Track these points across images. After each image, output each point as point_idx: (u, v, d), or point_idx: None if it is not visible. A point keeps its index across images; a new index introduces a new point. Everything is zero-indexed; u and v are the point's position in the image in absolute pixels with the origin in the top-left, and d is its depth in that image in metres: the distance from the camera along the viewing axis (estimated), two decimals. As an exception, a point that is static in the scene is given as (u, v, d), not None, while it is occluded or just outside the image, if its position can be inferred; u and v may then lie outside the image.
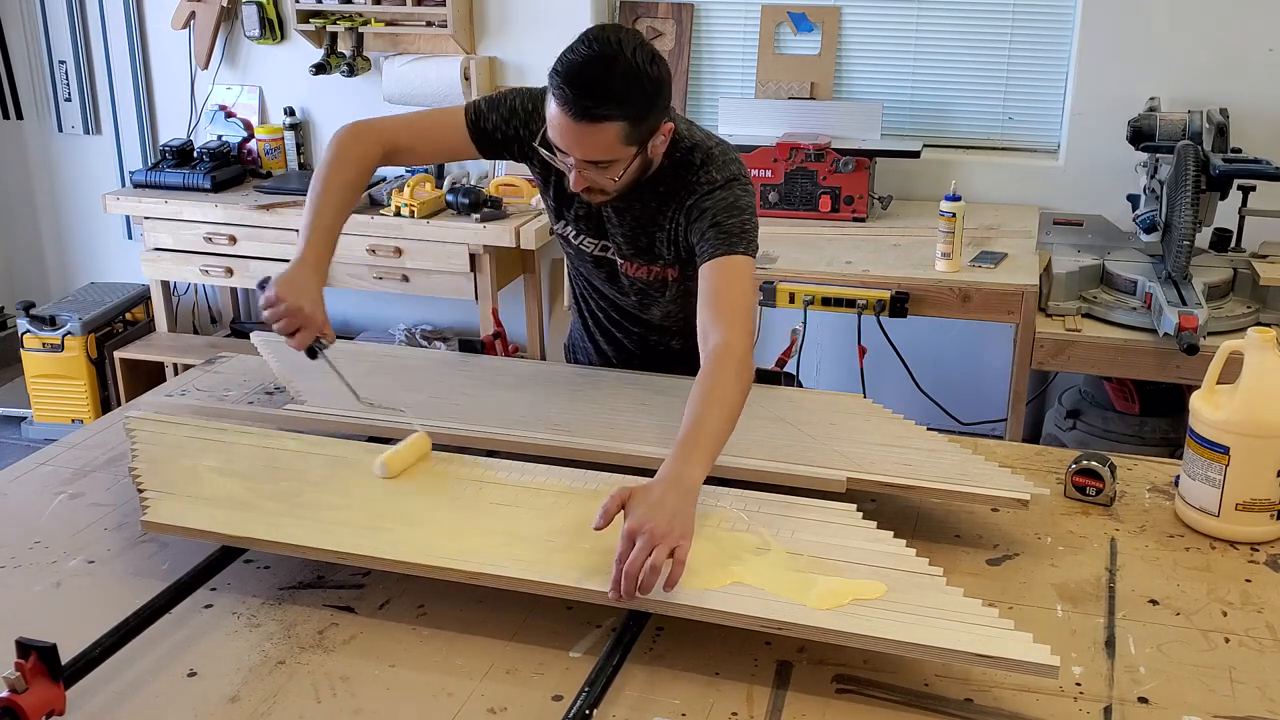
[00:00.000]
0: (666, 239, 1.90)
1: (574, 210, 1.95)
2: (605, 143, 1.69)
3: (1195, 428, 1.69)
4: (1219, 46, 3.42)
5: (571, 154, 1.72)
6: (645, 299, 2.03)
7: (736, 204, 1.81)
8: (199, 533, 1.55)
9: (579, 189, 1.77)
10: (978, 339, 3.79)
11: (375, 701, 1.34)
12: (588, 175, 1.75)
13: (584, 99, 1.64)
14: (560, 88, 1.65)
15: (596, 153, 1.70)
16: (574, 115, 1.65)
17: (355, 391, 1.81)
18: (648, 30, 4.00)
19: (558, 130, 1.70)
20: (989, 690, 1.34)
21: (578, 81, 1.65)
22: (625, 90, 1.66)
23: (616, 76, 1.65)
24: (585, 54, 1.66)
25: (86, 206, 4.63)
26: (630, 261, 1.96)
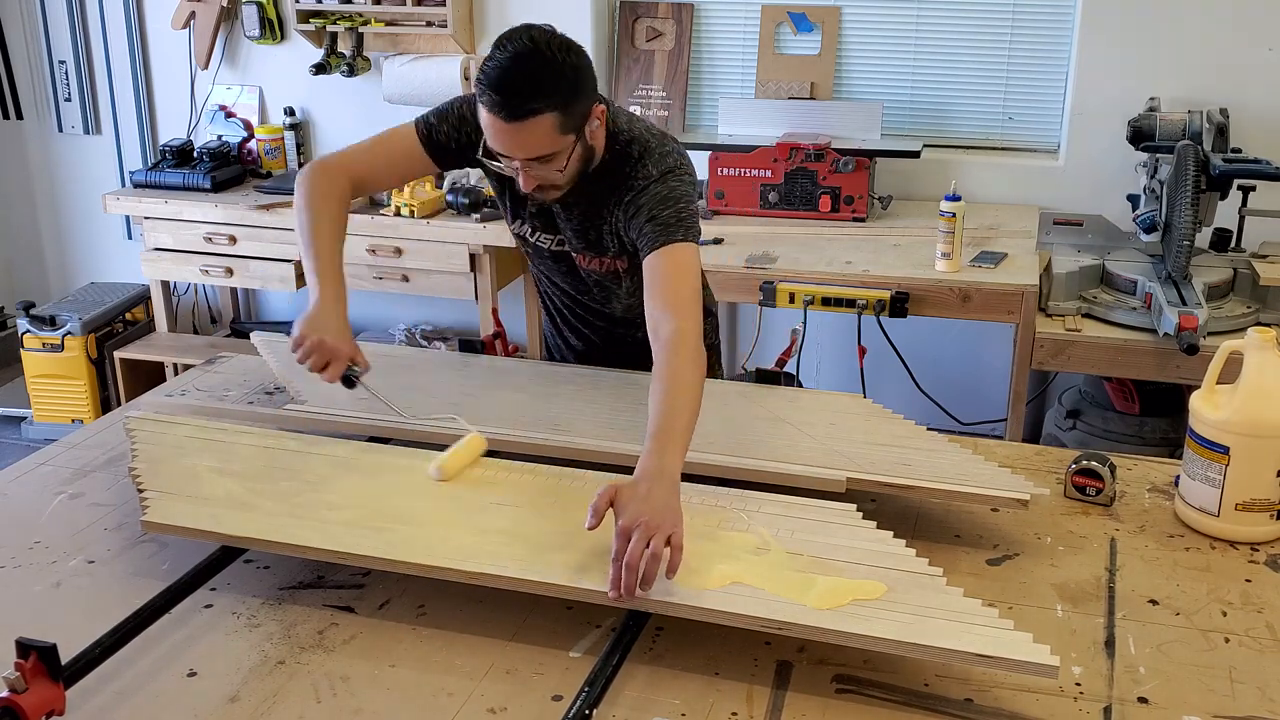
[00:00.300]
0: (610, 232, 1.92)
1: (528, 209, 1.97)
2: (541, 136, 1.70)
3: (1195, 428, 1.69)
4: (1219, 46, 3.42)
5: (513, 155, 1.74)
6: (604, 291, 2.05)
7: (671, 195, 1.83)
8: (199, 533, 1.55)
9: (530, 189, 1.79)
10: (978, 339, 3.79)
11: (375, 701, 1.34)
12: (534, 173, 1.76)
13: (511, 98, 1.67)
14: (486, 94, 1.68)
15: (535, 148, 1.72)
16: (505, 116, 1.68)
17: (398, 410, 1.81)
18: (648, 30, 4.01)
19: (494, 136, 1.72)
20: (989, 690, 1.34)
21: (501, 84, 1.67)
22: (547, 81, 1.68)
23: (536, 70, 1.68)
24: (502, 57, 1.68)
25: (86, 206, 4.63)
26: (583, 255, 1.98)
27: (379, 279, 3.88)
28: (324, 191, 1.92)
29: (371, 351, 2.22)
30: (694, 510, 1.59)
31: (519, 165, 1.75)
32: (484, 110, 1.70)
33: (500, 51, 1.69)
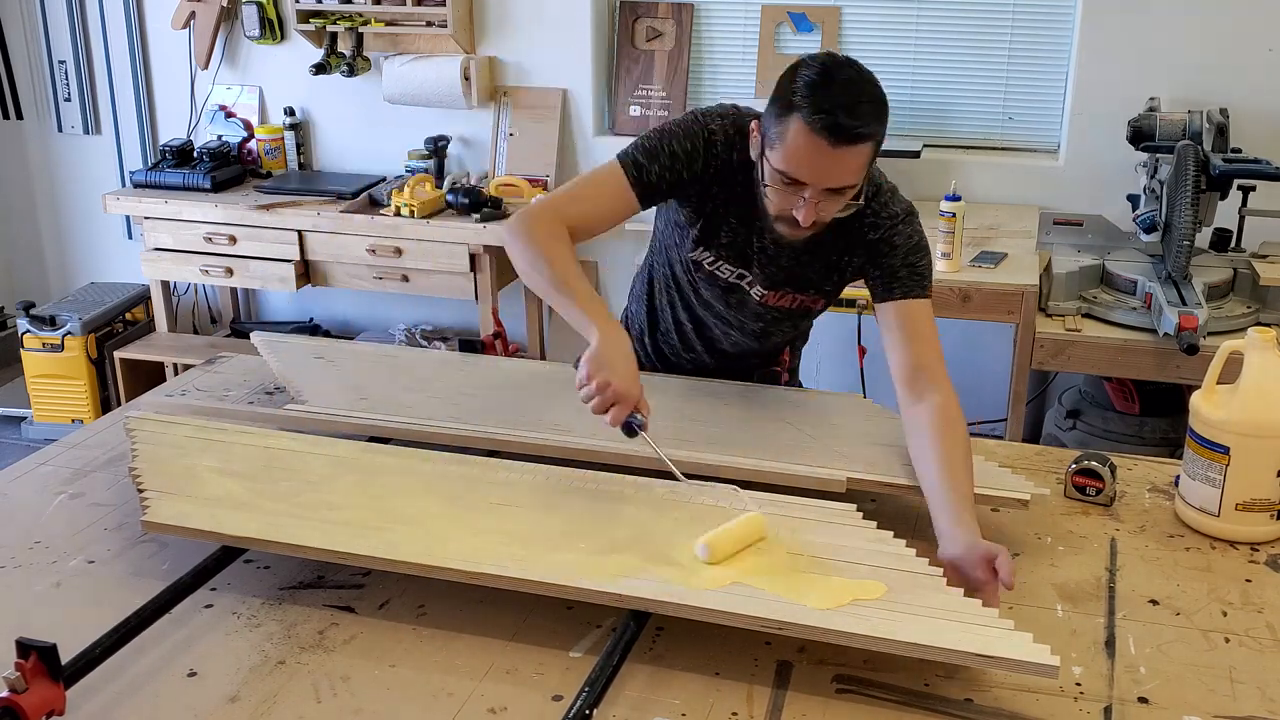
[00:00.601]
0: (826, 269, 1.87)
1: (719, 239, 1.87)
2: (856, 165, 1.65)
3: (1195, 428, 1.69)
4: (1219, 46, 3.42)
5: (819, 182, 1.65)
6: (773, 326, 1.98)
7: (922, 243, 1.81)
8: (199, 533, 1.55)
9: (809, 222, 1.68)
10: (978, 339, 3.79)
11: (375, 701, 1.34)
12: (822, 205, 1.68)
13: (848, 120, 1.60)
14: (820, 114, 1.59)
15: (847, 176, 1.65)
16: (835, 139, 1.60)
17: (676, 470, 1.63)
18: (648, 30, 4.01)
19: (805, 159, 1.63)
20: (989, 690, 1.34)
21: (837, 105, 1.60)
22: (872, 108, 1.64)
23: (865, 96, 1.63)
24: (831, 80, 1.61)
25: (86, 206, 4.63)
26: (774, 291, 1.90)
27: (379, 279, 3.88)
28: (552, 233, 1.78)
29: (372, 351, 2.22)
30: (693, 509, 1.59)
31: (809, 195, 1.66)
32: (803, 131, 1.60)
33: (815, 68, 1.62)
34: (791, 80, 1.64)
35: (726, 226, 1.86)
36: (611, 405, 1.61)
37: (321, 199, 3.96)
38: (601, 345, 1.65)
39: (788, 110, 1.63)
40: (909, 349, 1.77)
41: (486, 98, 4.07)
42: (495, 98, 4.09)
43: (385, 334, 4.35)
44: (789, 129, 1.63)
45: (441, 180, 3.98)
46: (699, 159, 1.79)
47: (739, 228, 1.86)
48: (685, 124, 1.82)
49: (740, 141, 1.80)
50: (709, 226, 1.87)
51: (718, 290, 1.95)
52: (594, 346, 1.65)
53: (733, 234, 1.86)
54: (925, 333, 1.79)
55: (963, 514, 1.54)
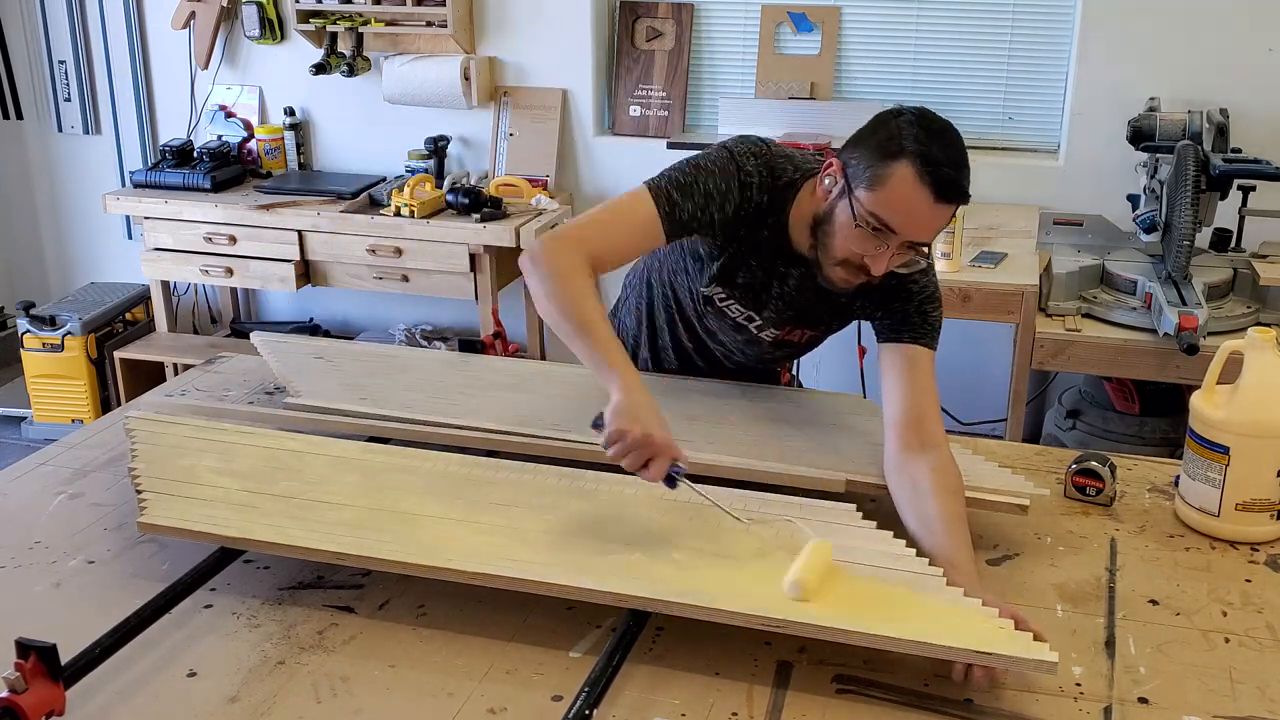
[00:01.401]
0: (836, 310, 1.85)
1: (735, 278, 1.83)
2: (944, 224, 1.65)
3: (1195, 428, 1.69)
4: (1219, 46, 3.42)
5: (911, 235, 1.62)
6: (779, 354, 1.98)
7: (937, 294, 1.79)
8: (196, 534, 1.55)
9: (881, 272, 1.65)
10: (978, 339, 3.79)
11: (375, 702, 1.34)
12: (902, 258, 1.66)
13: (959, 180, 1.59)
14: (933, 166, 1.56)
15: (935, 233, 1.66)
16: (942, 195, 1.58)
17: (731, 511, 1.56)
18: (648, 30, 4.01)
19: (907, 208, 1.59)
20: (989, 690, 1.34)
21: (949, 159, 1.58)
22: (968, 169, 1.62)
23: (965, 152, 1.62)
24: (940, 131, 1.60)
25: (86, 206, 4.63)
26: (781, 329, 1.89)
27: (379, 279, 3.88)
28: (575, 267, 1.68)
29: (372, 351, 2.22)
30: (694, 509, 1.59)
31: (893, 245, 1.62)
32: (911, 179, 1.56)
33: (927, 125, 1.59)
34: (895, 124, 1.60)
35: (746, 269, 1.82)
36: (650, 460, 1.52)
37: (321, 199, 3.96)
38: (628, 397, 1.55)
39: (894, 155, 1.58)
40: (911, 396, 1.72)
41: (486, 98, 4.07)
42: (495, 98, 4.09)
43: (385, 334, 4.35)
44: (894, 174, 1.58)
45: (441, 180, 3.98)
46: (732, 202, 1.74)
47: (758, 270, 1.82)
48: (721, 163, 1.75)
49: (774, 185, 1.76)
50: (728, 266, 1.83)
51: (725, 324, 1.92)
52: (620, 399, 1.55)
53: (751, 276, 1.83)
54: (927, 383, 1.75)
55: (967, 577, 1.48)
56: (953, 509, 1.58)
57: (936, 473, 1.62)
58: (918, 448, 1.66)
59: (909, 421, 1.69)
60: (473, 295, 3.81)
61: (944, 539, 1.53)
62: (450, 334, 4.32)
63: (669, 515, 1.58)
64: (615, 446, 1.51)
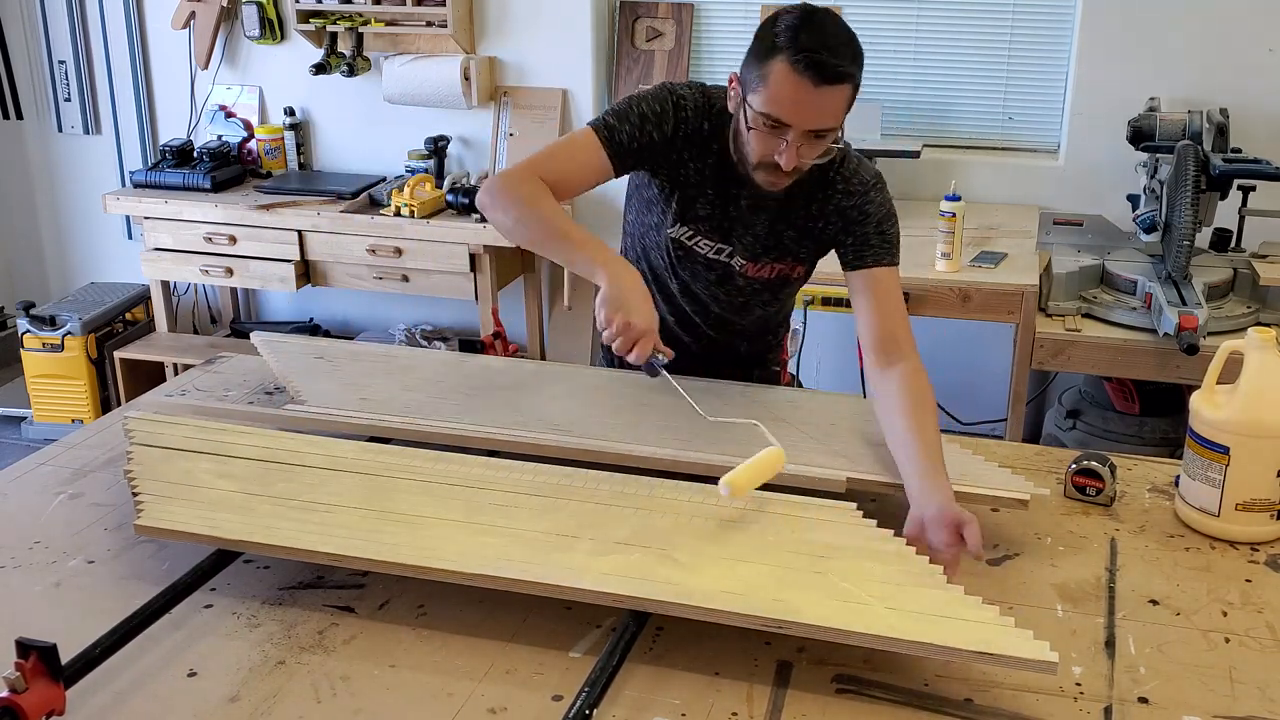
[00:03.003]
0: (800, 236, 1.89)
1: (696, 211, 1.89)
2: (837, 106, 1.68)
3: (1195, 428, 1.68)
4: (1219, 46, 3.42)
5: (801, 124, 1.67)
6: (755, 300, 1.99)
7: (892, 211, 1.85)
8: (192, 536, 1.54)
9: (791, 165, 1.70)
10: (978, 339, 3.79)
11: (375, 702, 1.34)
12: (804, 150, 1.70)
13: (831, 58, 1.63)
14: (802, 53, 1.62)
15: (829, 118, 1.68)
16: (818, 77, 1.63)
17: (698, 407, 1.67)
18: (648, 30, 4.01)
19: (790, 99, 1.65)
20: (989, 690, 1.34)
21: (821, 44, 1.63)
22: (854, 51, 1.67)
23: (846, 38, 1.67)
24: (811, 22, 1.65)
25: (86, 206, 4.63)
26: (754, 262, 1.92)
27: (379, 279, 3.88)
28: (536, 189, 1.79)
29: (372, 351, 2.22)
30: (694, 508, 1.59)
31: (791, 138, 1.68)
32: (786, 71, 1.63)
33: (796, 13, 1.65)
34: (773, 26, 1.67)
35: (704, 198, 1.88)
36: (635, 343, 1.64)
37: (321, 199, 3.96)
38: (612, 284, 1.66)
39: (770, 54, 1.65)
40: (879, 317, 1.81)
41: (486, 98, 4.07)
42: (495, 98, 4.09)
43: (385, 334, 4.35)
44: (772, 71, 1.65)
45: (441, 180, 3.98)
46: (668, 121, 1.82)
47: (715, 199, 1.88)
48: (654, 90, 1.86)
49: (710, 111, 1.84)
50: (686, 199, 1.88)
51: (698, 268, 1.96)
52: (605, 288, 1.66)
53: (710, 205, 1.88)
54: (894, 301, 1.82)
55: (935, 475, 1.57)
56: (922, 420, 1.68)
57: (905, 385, 1.73)
58: (889, 365, 1.77)
59: (879, 339, 1.79)
60: (473, 295, 3.82)
61: (913, 450, 1.63)
62: (450, 334, 4.32)
63: (669, 515, 1.58)
64: (605, 332, 1.64)
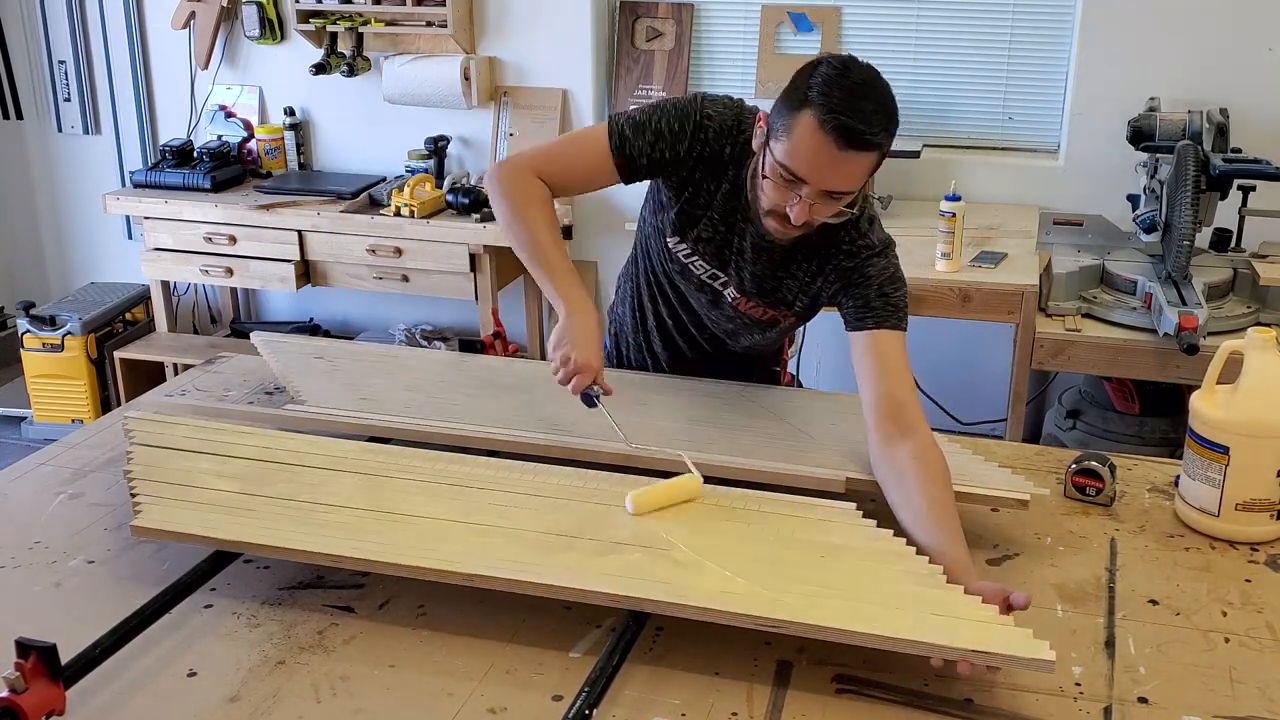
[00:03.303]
0: (798, 288, 1.86)
1: (697, 232, 1.86)
2: (859, 172, 1.63)
3: (1195, 428, 1.68)
4: (1219, 46, 3.42)
5: (818, 184, 1.62)
6: (741, 329, 1.97)
7: (897, 275, 1.79)
8: (189, 537, 1.54)
9: (801, 221, 1.66)
10: (978, 339, 3.79)
11: (375, 702, 1.34)
12: (817, 208, 1.65)
13: (860, 124, 1.57)
14: (832, 114, 1.56)
15: (847, 182, 1.63)
16: (844, 141, 1.57)
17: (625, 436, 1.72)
18: (648, 30, 4.01)
19: (809, 157, 1.60)
20: (989, 690, 1.34)
21: (853, 107, 1.57)
22: (888, 119, 1.60)
23: (881, 104, 1.60)
24: (849, 81, 1.58)
25: (86, 206, 4.63)
26: (745, 298, 1.89)
27: (379, 279, 3.88)
28: (532, 193, 1.83)
29: (372, 351, 2.22)
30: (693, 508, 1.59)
31: (805, 194, 1.63)
32: (813, 128, 1.57)
33: (836, 66, 1.59)
34: (810, 75, 1.60)
35: (709, 221, 1.85)
36: (573, 376, 1.73)
37: (321, 199, 3.96)
38: (566, 321, 1.76)
39: (800, 105, 1.59)
40: (884, 383, 1.71)
41: (486, 98, 4.07)
42: (495, 98, 4.09)
43: (385, 334, 4.35)
44: (798, 124, 1.59)
45: (441, 180, 3.98)
46: (685, 140, 1.79)
47: (720, 225, 1.85)
48: (683, 103, 1.82)
49: (736, 134, 1.79)
50: (691, 217, 1.86)
51: (691, 285, 1.95)
52: (560, 322, 1.76)
53: (714, 230, 1.85)
54: (899, 366, 1.73)
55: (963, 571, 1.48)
56: (938, 497, 1.58)
57: (919, 461, 1.62)
58: (899, 436, 1.66)
59: (886, 410, 1.68)
60: (473, 295, 3.82)
61: (934, 529, 1.53)
62: (450, 334, 4.32)
63: (669, 515, 1.58)
64: (551, 363, 1.75)
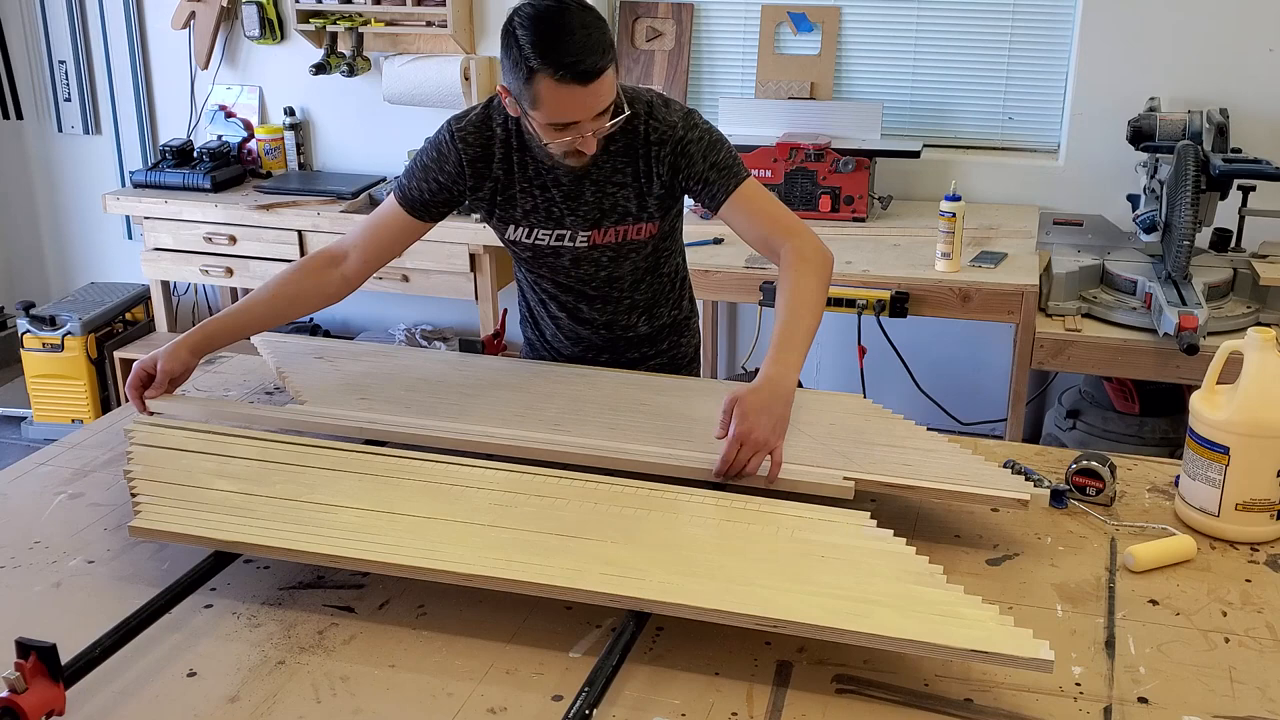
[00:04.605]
0: (634, 194, 1.93)
1: (520, 209, 1.96)
2: (608, 87, 1.73)
3: (1195, 428, 1.69)
4: (1219, 46, 3.42)
5: (586, 119, 1.74)
6: (616, 271, 2.04)
7: (713, 137, 1.89)
8: (188, 538, 1.54)
9: (594, 149, 1.79)
10: (978, 339, 3.79)
11: (375, 702, 1.34)
12: (596, 130, 1.77)
13: (587, 59, 1.67)
14: (555, 68, 1.67)
15: (608, 99, 1.74)
16: (585, 80, 1.68)
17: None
18: (648, 30, 4.01)
19: (566, 105, 1.71)
20: (989, 690, 1.34)
21: (571, 49, 1.67)
22: (601, 36, 1.70)
23: (582, 26, 1.68)
24: (544, 28, 1.67)
25: (86, 206, 4.63)
26: (596, 229, 1.96)
27: (379, 279, 3.86)
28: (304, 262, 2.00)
29: (372, 351, 2.22)
30: (692, 508, 1.59)
31: (587, 129, 1.75)
32: (553, 86, 1.68)
33: (531, 25, 1.68)
34: (516, 41, 1.70)
35: (521, 194, 1.94)
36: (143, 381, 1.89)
37: (321, 199, 3.96)
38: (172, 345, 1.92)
39: (529, 73, 1.69)
40: (754, 226, 1.89)
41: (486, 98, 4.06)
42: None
43: (385, 334, 4.35)
44: (538, 88, 1.70)
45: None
46: (448, 160, 1.93)
47: (533, 189, 1.94)
48: (433, 137, 1.97)
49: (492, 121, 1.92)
50: (505, 203, 1.96)
51: (552, 261, 2.02)
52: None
53: (530, 198, 1.95)
54: (761, 206, 1.89)
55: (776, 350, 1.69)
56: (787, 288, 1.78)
57: (790, 254, 1.83)
58: (778, 248, 1.85)
59: (765, 243, 1.89)
60: (473, 295, 3.82)
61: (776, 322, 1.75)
62: (450, 334, 4.32)
63: (668, 515, 1.58)
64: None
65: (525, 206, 1.96)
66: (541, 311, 2.18)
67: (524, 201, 1.95)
